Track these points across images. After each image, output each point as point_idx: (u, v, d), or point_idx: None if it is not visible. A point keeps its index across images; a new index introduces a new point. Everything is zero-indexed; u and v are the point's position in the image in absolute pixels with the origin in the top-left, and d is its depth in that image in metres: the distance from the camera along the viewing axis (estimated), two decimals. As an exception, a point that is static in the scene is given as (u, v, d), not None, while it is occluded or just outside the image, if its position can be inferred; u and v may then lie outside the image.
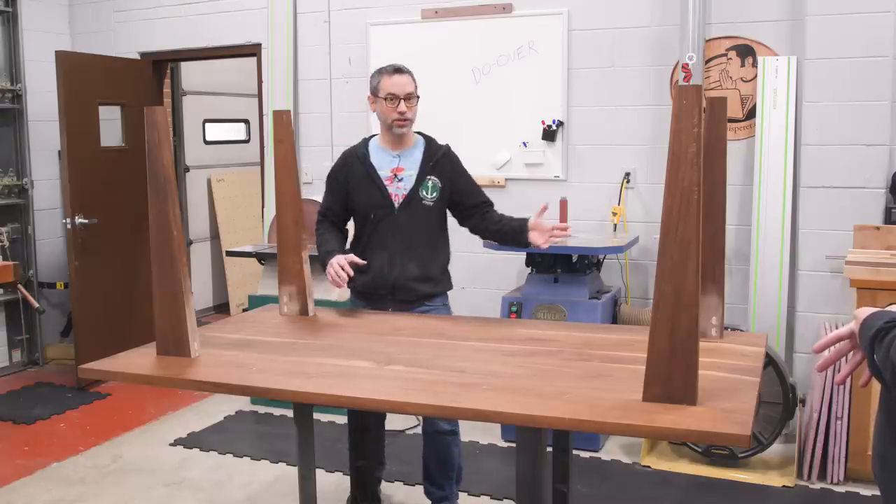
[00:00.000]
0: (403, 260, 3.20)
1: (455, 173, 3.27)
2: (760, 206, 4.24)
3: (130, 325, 5.22)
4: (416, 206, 3.20)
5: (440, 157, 3.25)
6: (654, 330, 2.00)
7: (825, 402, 3.63)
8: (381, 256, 3.22)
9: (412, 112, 3.20)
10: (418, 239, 3.21)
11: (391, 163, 3.24)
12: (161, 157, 2.47)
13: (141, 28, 5.86)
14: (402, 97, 3.16)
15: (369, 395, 2.20)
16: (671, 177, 1.94)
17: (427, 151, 3.26)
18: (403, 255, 3.20)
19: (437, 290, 3.28)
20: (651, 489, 3.71)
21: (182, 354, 2.53)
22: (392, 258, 3.21)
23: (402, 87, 3.17)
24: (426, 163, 3.23)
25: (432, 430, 3.27)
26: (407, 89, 3.18)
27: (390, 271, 3.21)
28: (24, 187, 5.71)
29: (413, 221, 3.20)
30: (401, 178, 3.23)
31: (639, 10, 4.50)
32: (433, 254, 3.26)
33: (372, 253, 3.25)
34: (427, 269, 3.23)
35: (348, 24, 5.19)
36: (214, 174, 7.06)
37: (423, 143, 3.30)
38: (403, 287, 3.20)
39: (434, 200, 3.22)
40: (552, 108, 4.70)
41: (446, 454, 3.29)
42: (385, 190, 3.21)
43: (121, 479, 3.91)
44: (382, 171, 3.24)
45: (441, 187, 3.22)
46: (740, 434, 1.82)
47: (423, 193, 3.21)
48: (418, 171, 3.22)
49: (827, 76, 4.03)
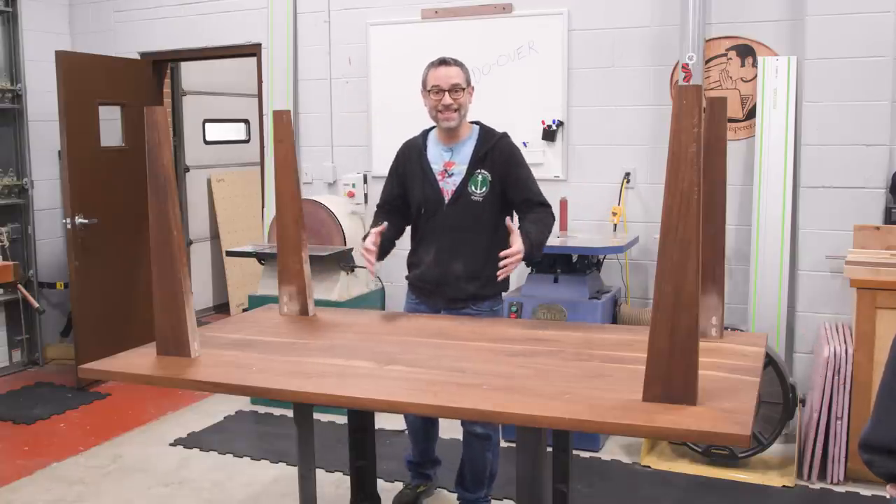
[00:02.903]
0: (450, 256, 3.15)
1: (506, 164, 3.14)
2: (760, 206, 4.24)
3: (130, 325, 5.21)
4: (464, 202, 3.13)
5: (490, 148, 3.14)
6: (654, 330, 2.00)
7: (825, 402, 3.63)
8: (429, 251, 3.20)
9: (459, 103, 3.10)
10: (467, 236, 3.14)
11: (443, 157, 3.19)
12: (161, 157, 2.47)
13: (141, 28, 5.86)
14: (446, 89, 3.09)
15: (369, 395, 2.20)
16: (671, 177, 1.94)
17: (479, 144, 3.17)
18: (450, 251, 3.15)
19: (486, 291, 3.18)
20: (651, 489, 3.71)
21: (182, 354, 2.53)
22: (439, 254, 3.17)
23: (446, 78, 3.09)
24: (476, 156, 3.14)
25: (467, 431, 3.24)
26: (452, 80, 3.09)
27: (437, 267, 3.17)
28: (24, 187, 5.71)
29: (462, 217, 3.13)
30: (451, 172, 3.17)
31: (639, 10, 4.50)
32: (483, 251, 3.13)
33: (423, 247, 3.22)
34: (474, 267, 3.14)
35: (348, 24, 5.19)
36: (214, 174, 7.06)
37: (476, 134, 3.21)
38: (448, 284, 3.15)
39: (483, 195, 3.12)
40: (552, 108, 4.70)
41: (478, 458, 3.24)
42: (437, 185, 3.17)
43: (121, 479, 3.91)
44: (436, 164, 3.19)
45: (491, 181, 3.13)
46: (740, 434, 1.82)
47: (471, 188, 3.13)
48: (468, 165, 3.14)
49: (827, 76, 4.03)
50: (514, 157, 3.18)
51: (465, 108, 3.14)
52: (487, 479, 3.31)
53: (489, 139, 3.18)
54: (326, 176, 5.34)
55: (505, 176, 3.14)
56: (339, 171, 5.32)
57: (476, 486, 3.30)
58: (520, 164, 3.18)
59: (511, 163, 3.15)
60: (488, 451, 3.25)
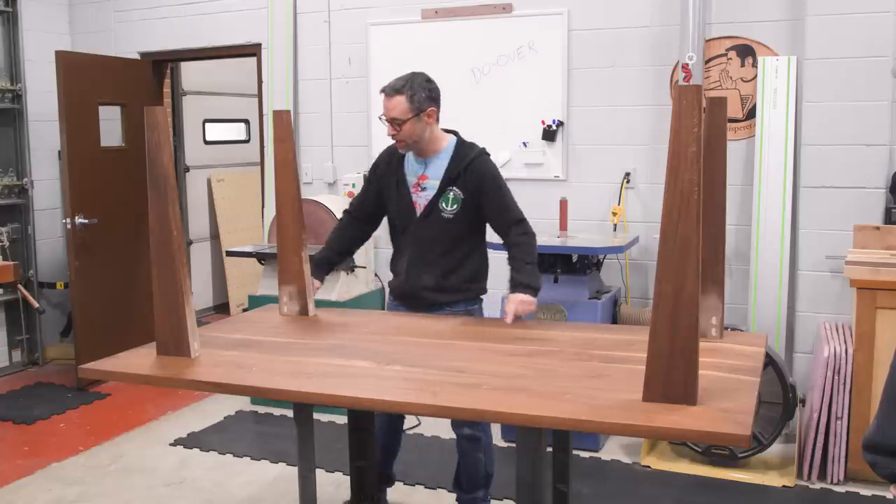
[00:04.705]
0: (420, 270, 3.15)
1: (479, 190, 3.08)
2: (760, 206, 4.24)
3: (130, 325, 5.21)
4: (435, 218, 3.12)
5: (463, 169, 3.09)
6: (654, 330, 2.00)
7: (825, 402, 3.63)
8: (402, 263, 3.21)
9: (402, 135, 3.03)
10: (437, 249, 3.13)
11: (418, 170, 3.17)
12: (161, 157, 2.47)
13: (141, 28, 5.86)
14: (388, 120, 3.03)
15: (369, 395, 2.20)
16: (671, 177, 1.94)
17: (452, 161, 3.12)
18: (420, 264, 3.15)
19: (455, 298, 3.19)
20: (651, 489, 3.70)
21: (182, 354, 2.53)
22: (410, 266, 3.17)
23: (386, 110, 3.03)
24: (448, 174, 3.11)
25: (457, 434, 3.24)
26: (390, 114, 3.01)
27: (408, 280, 3.18)
28: (24, 187, 5.71)
29: (432, 232, 3.12)
30: (424, 186, 3.15)
31: (639, 10, 4.50)
32: (454, 265, 3.14)
33: (398, 257, 3.24)
34: (443, 280, 3.14)
35: (348, 24, 5.19)
36: (214, 174, 7.06)
37: (452, 149, 3.15)
38: (420, 297, 3.15)
39: (454, 212, 3.10)
40: (552, 108, 4.70)
41: (469, 459, 3.24)
42: (410, 198, 3.15)
43: (121, 479, 3.91)
44: (410, 177, 3.17)
45: (464, 199, 3.09)
46: (740, 434, 1.82)
47: (442, 205, 3.10)
48: (440, 182, 3.11)
49: (827, 76, 4.02)
50: (488, 180, 3.10)
51: (412, 137, 3.05)
52: (483, 479, 3.30)
53: (463, 157, 3.11)
54: (326, 176, 5.34)
55: (479, 198, 3.10)
56: (339, 171, 5.32)
57: (472, 486, 3.29)
58: (494, 187, 3.11)
59: (484, 188, 3.09)
60: (478, 451, 3.25)
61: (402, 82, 3.04)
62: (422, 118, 3.04)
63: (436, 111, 3.10)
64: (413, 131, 3.04)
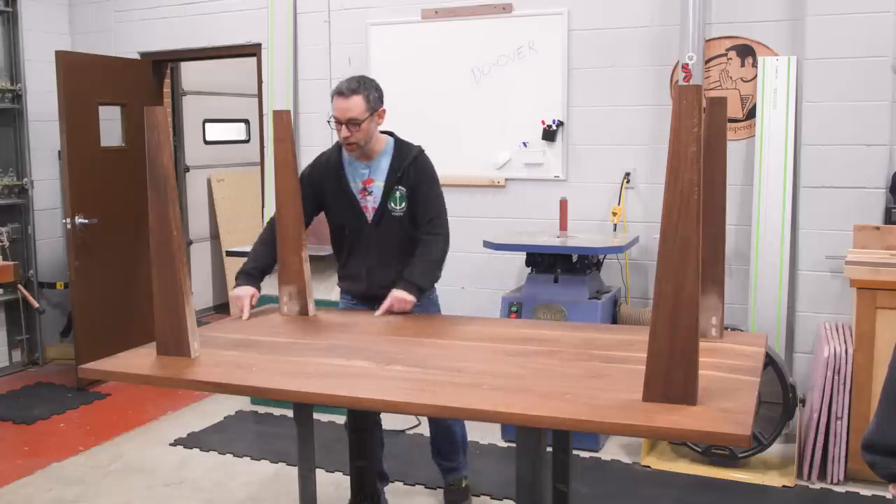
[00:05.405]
0: (382, 271, 3.19)
1: (416, 182, 3.15)
2: (760, 206, 4.24)
3: (130, 325, 5.21)
4: (387, 219, 3.17)
5: (406, 166, 3.15)
6: (654, 330, 2.00)
7: (825, 402, 3.63)
8: (358, 266, 3.25)
9: (358, 136, 3.03)
10: (393, 249, 3.19)
11: (362, 174, 3.18)
12: (161, 157, 2.47)
13: (141, 28, 5.86)
14: (343, 122, 3.01)
15: (369, 395, 2.20)
16: (671, 177, 1.94)
17: (394, 160, 3.16)
18: (381, 266, 3.20)
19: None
20: (651, 489, 3.71)
21: (182, 354, 2.53)
22: (370, 269, 3.22)
23: (343, 111, 3.00)
24: (393, 173, 3.15)
25: None
26: (348, 114, 2.99)
27: (368, 281, 3.23)
28: (24, 187, 5.71)
29: (386, 233, 3.18)
30: (370, 189, 3.18)
31: (639, 10, 4.49)
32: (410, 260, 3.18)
33: (353, 262, 3.27)
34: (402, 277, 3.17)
35: (348, 24, 5.19)
36: (214, 174, 7.06)
37: (391, 148, 3.19)
38: (381, 297, 3.15)
39: (403, 210, 3.17)
40: (552, 108, 4.70)
41: (446, 429, 3.38)
42: (358, 204, 3.18)
43: (121, 479, 3.91)
44: (355, 183, 3.19)
45: (409, 196, 3.16)
46: (740, 434, 1.82)
47: (391, 205, 3.16)
48: (385, 183, 3.15)
49: (827, 76, 4.02)
50: (428, 176, 3.17)
51: (366, 138, 3.07)
52: (459, 442, 3.42)
53: (405, 155, 3.16)
54: (326, 176, 5.33)
55: (415, 191, 3.15)
56: (339, 171, 5.31)
57: (451, 452, 3.41)
58: (428, 184, 3.17)
59: (419, 181, 3.15)
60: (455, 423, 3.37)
61: (356, 83, 3.05)
62: (374, 118, 3.08)
63: (385, 112, 3.14)
64: (367, 132, 3.06)
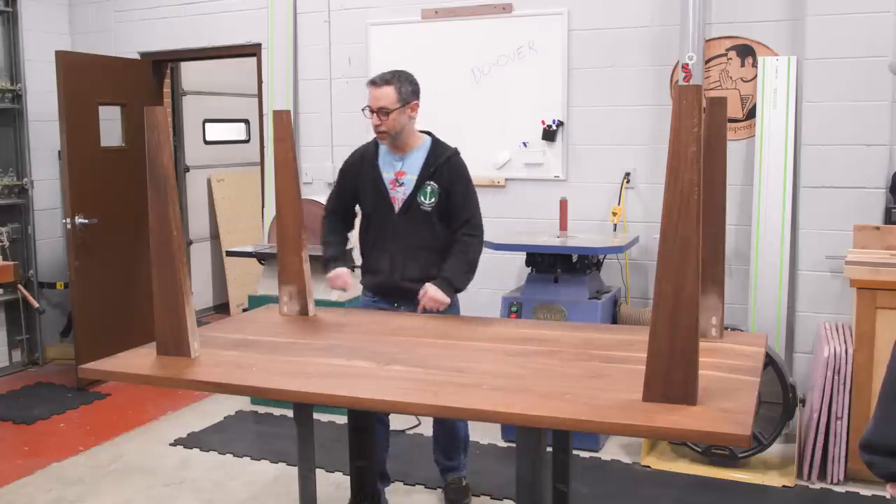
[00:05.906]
0: (404, 263, 3.25)
1: (451, 182, 3.25)
2: (760, 206, 4.24)
3: (130, 325, 5.21)
4: (415, 211, 3.23)
5: (441, 164, 3.24)
6: (654, 330, 2.00)
7: (825, 402, 3.63)
8: (383, 257, 3.29)
9: (387, 125, 3.17)
10: (419, 242, 3.25)
11: (395, 166, 3.28)
12: (161, 157, 2.47)
13: (141, 28, 5.86)
14: (375, 110, 3.18)
15: (369, 395, 2.20)
16: (671, 177, 1.94)
17: (430, 156, 3.26)
18: (404, 258, 3.25)
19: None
20: (651, 489, 3.70)
21: (182, 354, 2.53)
22: (393, 261, 3.27)
23: (374, 100, 3.17)
24: (426, 168, 3.24)
25: None
26: (379, 103, 3.16)
27: (392, 273, 3.27)
28: (24, 187, 5.71)
29: (413, 226, 3.24)
30: (402, 182, 3.26)
31: (639, 10, 4.49)
32: (435, 257, 3.26)
33: (376, 253, 3.32)
34: (428, 271, 3.24)
35: (348, 24, 5.19)
36: (214, 174, 7.05)
37: (428, 145, 3.29)
38: (403, 289, 3.24)
39: (433, 206, 3.23)
40: (552, 108, 4.70)
41: (450, 428, 3.42)
42: (388, 194, 3.26)
43: (121, 479, 3.91)
44: (387, 174, 3.27)
45: (440, 192, 3.23)
46: (740, 434, 1.82)
47: (421, 199, 3.23)
48: (418, 176, 3.23)
49: (827, 76, 4.02)
50: (462, 177, 3.27)
51: (396, 128, 3.19)
52: (462, 441, 3.46)
53: (440, 154, 3.26)
54: (326, 176, 5.34)
55: (448, 193, 3.24)
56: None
57: (454, 451, 3.45)
58: (463, 184, 3.27)
59: (454, 181, 3.24)
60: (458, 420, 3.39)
61: (391, 74, 3.22)
62: (406, 110, 3.20)
63: (418, 106, 3.25)
64: (397, 122, 3.18)
